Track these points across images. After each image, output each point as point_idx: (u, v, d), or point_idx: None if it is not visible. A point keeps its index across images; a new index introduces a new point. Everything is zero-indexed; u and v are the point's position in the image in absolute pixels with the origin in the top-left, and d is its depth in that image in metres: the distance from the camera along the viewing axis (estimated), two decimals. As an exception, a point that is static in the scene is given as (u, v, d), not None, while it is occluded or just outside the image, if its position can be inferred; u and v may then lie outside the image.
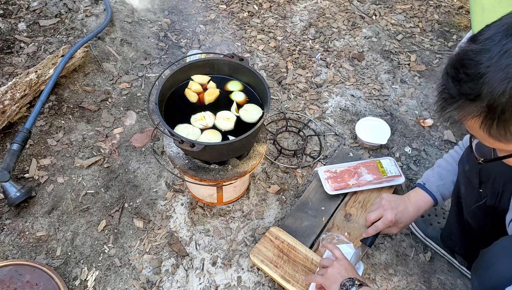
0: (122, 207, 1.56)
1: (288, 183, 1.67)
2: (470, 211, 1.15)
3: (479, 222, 1.16)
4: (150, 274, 1.40)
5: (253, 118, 1.31)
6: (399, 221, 1.20)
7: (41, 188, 1.59)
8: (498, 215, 1.08)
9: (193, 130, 1.27)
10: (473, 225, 1.18)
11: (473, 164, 1.07)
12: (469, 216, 1.17)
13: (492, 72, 0.64)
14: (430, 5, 2.60)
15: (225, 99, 1.38)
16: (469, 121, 0.71)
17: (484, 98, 0.66)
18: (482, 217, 1.13)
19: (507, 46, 0.64)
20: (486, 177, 1.04)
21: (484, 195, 1.06)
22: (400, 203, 1.22)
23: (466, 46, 0.70)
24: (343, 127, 1.90)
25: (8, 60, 2.01)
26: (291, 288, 1.30)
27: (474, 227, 1.18)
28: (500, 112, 0.65)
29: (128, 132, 1.81)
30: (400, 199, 1.24)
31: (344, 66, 2.19)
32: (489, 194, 1.04)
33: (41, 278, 1.29)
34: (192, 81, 1.40)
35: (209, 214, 1.56)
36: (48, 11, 2.25)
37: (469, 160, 1.09)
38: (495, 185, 1.02)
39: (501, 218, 1.08)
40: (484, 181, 1.05)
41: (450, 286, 1.39)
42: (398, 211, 1.20)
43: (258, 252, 1.38)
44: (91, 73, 2.02)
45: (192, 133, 1.25)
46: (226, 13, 2.48)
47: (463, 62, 0.68)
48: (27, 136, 1.59)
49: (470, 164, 1.09)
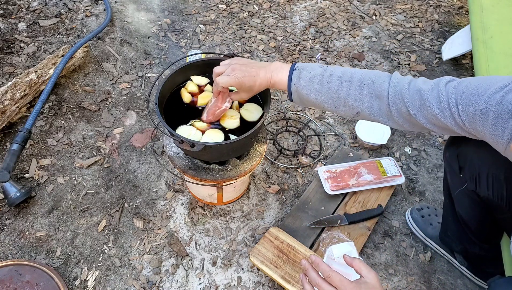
0: (122, 207, 1.56)
1: (288, 183, 1.67)
2: (457, 200, 1.16)
3: (468, 213, 1.17)
4: (150, 274, 1.40)
5: (254, 117, 1.31)
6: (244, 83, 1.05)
7: (41, 188, 1.59)
8: (484, 204, 1.08)
9: (195, 131, 1.26)
10: (465, 218, 1.18)
11: (452, 151, 1.09)
12: (458, 207, 1.18)
13: None
14: (430, 5, 2.60)
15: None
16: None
17: None
18: (469, 205, 1.14)
19: None
20: (463, 161, 1.06)
21: (464, 179, 1.08)
22: (249, 68, 1.07)
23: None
24: (343, 127, 1.90)
25: (8, 60, 2.01)
26: (291, 288, 1.30)
27: (466, 219, 1.18)
28: None
29: (128, 132, 1.81)
30: (250, 65, 1.07)
31: (344, 66, 2.19)
32: (468, 179, 1.06)
33: (41, 278, 1.29)
34: (190, 81, 1.40)
35: (209, 214, 1.56)
36: (48, 11, 2.25)
37: (449, 147, 1.11)
38: (472, 168, 1.04)
39: (490, 212, 1.09)
40: (462, 165, 1.07)
41: (450, 286, 1.39)
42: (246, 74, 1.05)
43: (258, 252, 1.38)
44: (91, 73, 2.02)
45: (194, 134, 1.25)
46: (226, 13, 2.48)
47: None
48: (27, 136, 1.59)
49: (449, 151, 1.10)
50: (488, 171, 1.01)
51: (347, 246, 1.33)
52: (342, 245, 1.32)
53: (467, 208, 1.15)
